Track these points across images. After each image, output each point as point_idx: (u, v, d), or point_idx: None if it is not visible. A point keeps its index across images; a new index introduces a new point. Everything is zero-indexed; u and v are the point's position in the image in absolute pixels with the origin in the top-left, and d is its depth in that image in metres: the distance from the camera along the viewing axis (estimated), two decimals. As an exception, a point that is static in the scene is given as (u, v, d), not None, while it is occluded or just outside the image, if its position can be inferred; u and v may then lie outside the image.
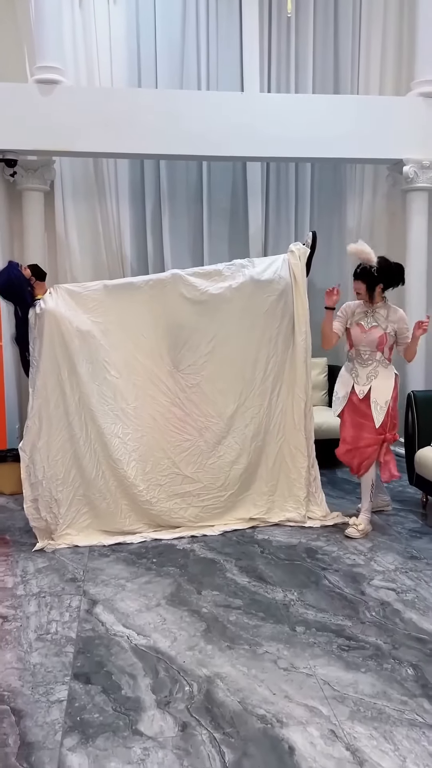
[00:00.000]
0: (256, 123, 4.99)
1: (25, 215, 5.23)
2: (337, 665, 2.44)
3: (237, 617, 2.81)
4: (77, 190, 5.43)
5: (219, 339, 3.86)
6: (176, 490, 3.81)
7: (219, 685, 2.32)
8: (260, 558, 3.44)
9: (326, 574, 3.24)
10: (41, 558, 3.46)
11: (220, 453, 3.87)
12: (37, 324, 3.69)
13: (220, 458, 3.87)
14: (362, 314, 3.74)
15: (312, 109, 5.08)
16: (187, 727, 2.10)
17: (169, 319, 3.84)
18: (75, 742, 2.03)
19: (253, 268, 3.92)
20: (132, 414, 3.78)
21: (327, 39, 5.55)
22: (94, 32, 5.30)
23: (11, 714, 2.17)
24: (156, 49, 5.38)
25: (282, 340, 3.92)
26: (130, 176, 5.52)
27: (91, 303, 3.79)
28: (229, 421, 3.88)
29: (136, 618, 2.81)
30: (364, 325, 3.72)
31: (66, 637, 2.65)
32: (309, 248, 3.92)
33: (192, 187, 5.64)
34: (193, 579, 3.19)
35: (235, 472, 3.88)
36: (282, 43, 5.51)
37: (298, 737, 2.04)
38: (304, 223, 5.73)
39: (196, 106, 4.99)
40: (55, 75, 4.85)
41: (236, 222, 5.73)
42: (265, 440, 3.94)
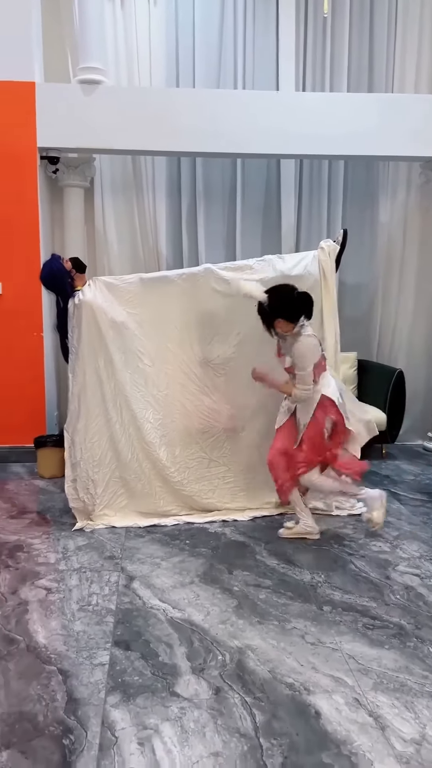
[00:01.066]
0: (290, 121, 5.10)
1: (66, 210, 5.43)
2: (362, 642, 2.57)
3: (266, 596, 2.96)
4: (116, 187, 5.61)
5: (247, 332, 3.99)
6: (203, 473, 4.01)
7: (250, 655, 2.48)
8: (288, 543, 3.58)
9: (352, 559, 3.37)
10: (81, 537, 3.65)
11: (247, 441, 4.05)
12: (75, 314, 3.89)
13: (246, 444, 4.06)
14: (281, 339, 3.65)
15: (346, 108, 5.17)
16: (220, 691, 2.25)
17: (201, 312, 4.01)
18: (117, 699, 2.21)
19: (282, 263, 4.05)
20: (162, 401, 3.97)
21: (362, 38, 5.62)
22: (135, 33, 5.46)
23: (58, 674, 2.35)
24: (194, 50, 5.51)
25: None
26: (167, 173, 5.68)
27: (127, 295, 3.96)
28: (255, 412, 4.04)
29: (171, 593, 2.97)
30: (281, 349, 3.67)
31: (106, 608, 2.83)
32: (339, 245, 4.03)
33: (227, 184, 5.78)
34: (225, 560, 3.35)
35: (261, 456, 4.02)
36: (318, 43, 5.60)
37: (324, 703, 2.19)
38: (337, 220, 5.83)
39: (232, 105, 5.11)
40: (97, 75, 5.02)
41: (269, 219, 5.84)
42: None
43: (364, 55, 5.66)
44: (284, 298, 3.50)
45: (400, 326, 5.89)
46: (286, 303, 3.48)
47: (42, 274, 4.04)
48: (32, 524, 3.86)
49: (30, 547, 3.51)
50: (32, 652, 2.50)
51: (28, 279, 5.01)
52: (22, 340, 5.04)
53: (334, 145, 5.18)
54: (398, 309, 5.88)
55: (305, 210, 5.83)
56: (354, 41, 5.62)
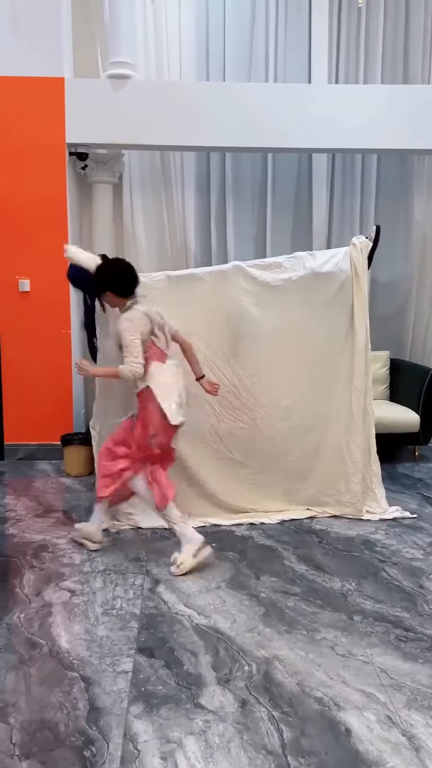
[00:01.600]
0: (323, 114, 4.98)
1: (95, 206, 5.39)
2: (395, 655, 2.47)
3: (295, 603, 2.87)
4: (144, 183, 5.55)
5: (277, 331, 3.90)
6: (227, 472, 3.93)
7: (277, 666, 2.39)
8: (318, 548, 3.49)
9: (384, 566, 3.26)
10: (106, 537, 3.60)
11: (275, 442, 3.94)
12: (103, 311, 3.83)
13: (276, 448, 3.94)
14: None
15: (380, 100, 5.02)
16: (246, 704, 2.18)
17: (229, 310, 3.91)
18: (140, 710, 2.14)
19: (313, 260, 3.94)
20: (190, 400, 3.86)
21: (398, 29, 5.46)
22: (165, 27, 5.38)
23: (81, 681, 2.30)
24: (224, 42, 5.42)
25: (341, 333, 3.93)
26: (196, 169, 5.60)
27: (155, 292, 3.88)
28: (285, 413, 3.93)
29: (197, 599, 2.90)
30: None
31: (130, 612, 2.78)
32: (371, 242, 3.91)
33: (257, 179, 5.68)
34: (252, 564, 3.27)
35: (289, 462, 3.95)
36: (351, 34, 5.46)
37: (354, 720, 2.10)
38: (369, 216, 5.69)
39: (262, 98, 5.00)
40: (126, 70, 4.96)
41: (300, 214, 5.73)
42: (323, 433, 3.97)
43: (399, 45, 5.50)
44: (119, 272, 3.36)
45: (435, 323, 5.73)
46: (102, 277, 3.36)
47: (69, 271, 3.99)
48: (58, 523, 3.83)
49: (55, 547, 3.48)
50: (55, 657, 2.45)
51: (56, 276, 4.95)
52: (50, 338, 5.02)
53: (367, 138, 5.04)
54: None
55: (337, 205, 5.70)
56: (389, 31, 5.47)
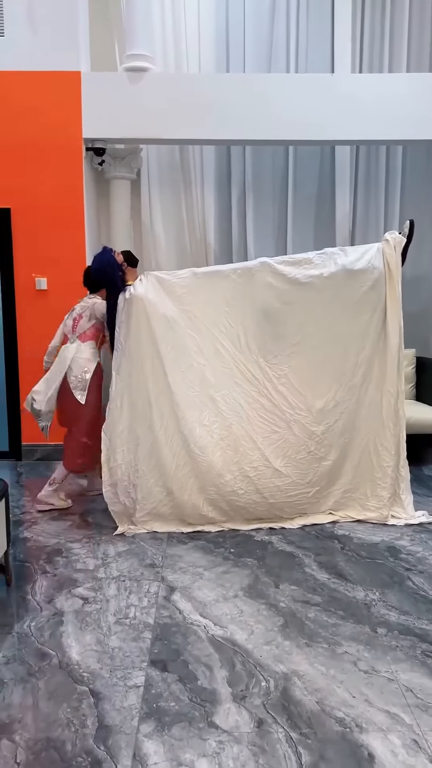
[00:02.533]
0: (346, 105, 4.83)
1: (113, 203, 5.31)
2: (421, 671, 2.33)
3: (316, 614, 2.74)
4: (163, 178, 5.45)
5: (307, 330, 3.75)
6: (265, 483, 3.69)
7: (296, 683, 2.27)
8: (340, 554, 3.35)
9: (410, 575, 3.11)
10: (121, 542, 3.52)
11: (310, 448, 3.74)
12: (125, 308, 3.72)
13: (311, 453, 3.74)
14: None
15: (406, 89, 4.85)
16: (263, 724, 2.06)
17: (257, 308, 3.77)
18: (151, 729, 2.04)
19: (345, 257, 3.77)
20: (220, 401, 3.71)
21: (424, 15, 5.28)
22: (183, 17, 5.28)
23: (90, 695, 2.21)
24: (244, 33, 5.30)
25: (373, 333, 3.76)
26: (215, 163, 5.49)
27: (180, 290, 3.77)
28: (318, 416, 3.75)
29: (213, 608, 2.79)
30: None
31: (144, 622, 2.68)
32: (405, 238, 3.75)
33: (278, 173, 5.54)
34: (271, 572, 3.15)
35: (324, 468, 3.77)
36: (376, 21, 5.29)
37: (378, 744, 1.97)
38: (394, 210, 5.52)
39: (284, 89, 4.87)
40: (144, 63, 4.86)
41: (322, 208, 5.58)
42: (352, 436, 3.81)
43: (425, 32, 5.32)
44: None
45: (462, 321, 5.55)
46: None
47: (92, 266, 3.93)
48: (73, 527, 3.75)
49: (69, 552, 3.39)
50: (64, 669, 2.36)
51: (73, 274, 4.89)
52: (67, 336, 4.94)
53: (392, 129, 4.88)
54: (460, 303, 5.54)
55: (361, 199, 5.54)
56: (414, 18, 5.30)
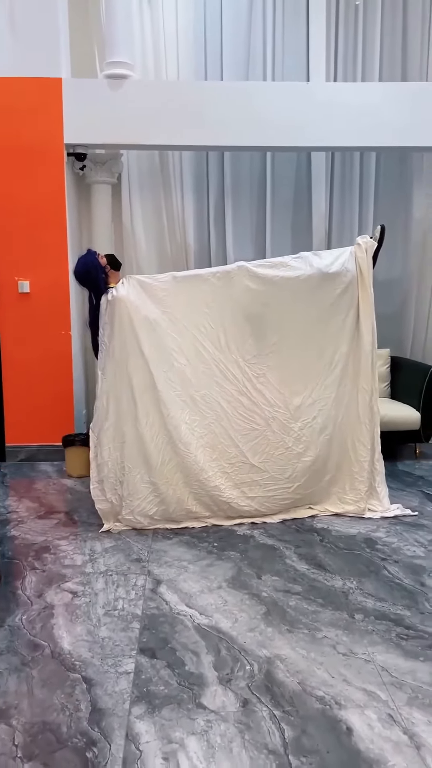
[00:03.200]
0: (321, 113, 4.97)
1: (94, 207, 5.39)
2: (396, 653, 2.48)
3: (296, 602, 2.87)
4: (143, 183, 5.55)
5: (284, 330, 3.89)
6: (243, 478, 3.84)
7: (279, 666, 2.40)
8: (319, 546, 3.49)
9: (386, 564, 3.26)
10: (108, 539, 3.62)
11: (288, 444, 3.88)
12: (108, 310, 3.83)
13: (288, 449, 3.88)
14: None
15: (379, 97, 5.01)
16: (248, 704, 2.18)
17: (236, 310, 3.90)
18: (142, 711, 2.15)
19: (320, 260, 3.93)
20: (200, 401, 3.84)
21: (395, 27, 5.45)
22: (162, 26, 5.38)
23: (83, 682, 2.31)
24: (222, 41, 5.41)
25: (347, 333, 3.92)
26: (194, 169, 5.60)
27: (161, 293, 3.89)
28: (296, 412, 3.90)
29: (199, 599, 2.91)
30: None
31: (132, 613, 2.78)
32: (376, 242, 3.90)
33: (255, 179, 5.67)
34: (253, 564, 3.27)
35: (303, 464, 3.90)
36: (349, 32, 5.45)
37: (356, 719, 2.10)
38: (369, 214, 5.68)
39: (260, 96, 5.00)
40: (124, 70, 4.96)
41: (299, 213, 5.73)
42: (333, 433, 3.95)
43: (397, 43, 5.49)
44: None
45: (435, 322, 5.74)
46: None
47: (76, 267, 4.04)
48: (59, 525, 3.84)
49: (57, 549, 3.48)
50: (56, 658, 2.46)
51: (55, 277, 4.99)
52: (50, 339, 5.03)
53: (366, 136, 5.03)
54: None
55: (336, 204, 5.70)
56: (386, 28, 5.46)
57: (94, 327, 4.02)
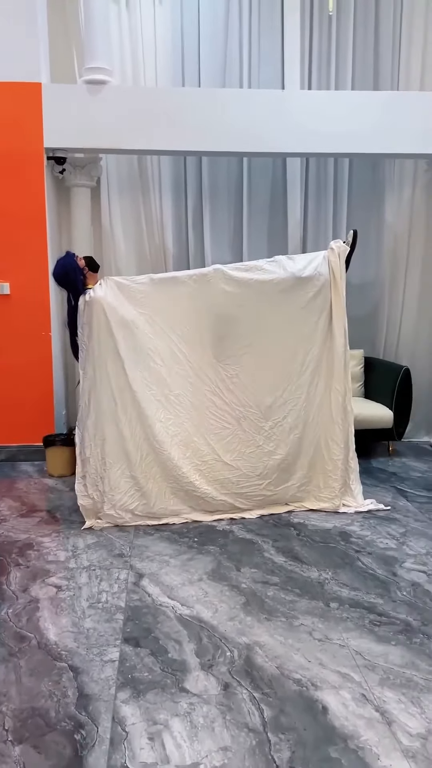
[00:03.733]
0: (296, 119, 5.11)
1: (73, 210, 5.46)
2: (369, 638, 2.60)
3: (274, 593, 2.99)
4: (122, 186, 5.64)
5: (258, 332, 4.01)
6: (216, 475, 3.97)
7: (258, 652, 2.51)
8: (296, 540, 3.61)
9: (359, 556, 3.39)
10: (90, 535, 3.69)
11: (258, 443, 4.01)
12: (86, 311, 3.91)
13: (259, 448, 4.01)
14: None
15: (351, 105, 5.17)
16: (228, 687, 2.29)
17: (211, 312, 4.01)
18: (127, 695, 2.24)
19: (293, 264, 4.05)
20: (174, 401, 3.96)
21: (367, 36, 5.61)
22: (140, 33, 5.47)
23: (69, 670, 2.39)
24: (199, 49, 5.52)
25: (320, 335, 4.05)
26: (172, 173, 5.70)
27: (138, 295, 3.98)
28: (267, 412, 4.03)
29: (180, 591, 3.01)
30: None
31: (116, 605, 2.87)
32: (349, 246, 4.04)
33: (233, 183, 5.79)
34: (233, 557, 3.38)
35: (273, 461, 4.02)
36: (323, 41, 5.60)
37: (331, 699, 2.22)
38: (342, 218, 5.83)
39: (237, 103, 5.12)
40: (103, 75, 5.04)
41: (275, 217, 5.86)
42: (304, 432, 4.07)
43: (369, 52, 5.65)
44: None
45: (406, 324, 5.90)
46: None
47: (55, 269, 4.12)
48: (42, 523, 3.90)
49: (40, 546, 3.55)
50: (43, 648, 2.54)
51: (35, 279, 5.05)
52: (30, 340, 5.08)
53: (339, 143, 5.18)
54: (404, 307, 5.89)
55: (312, 208, 5.83)
56: (359, 39, 5.62)
57: (72, 327, 4.10)
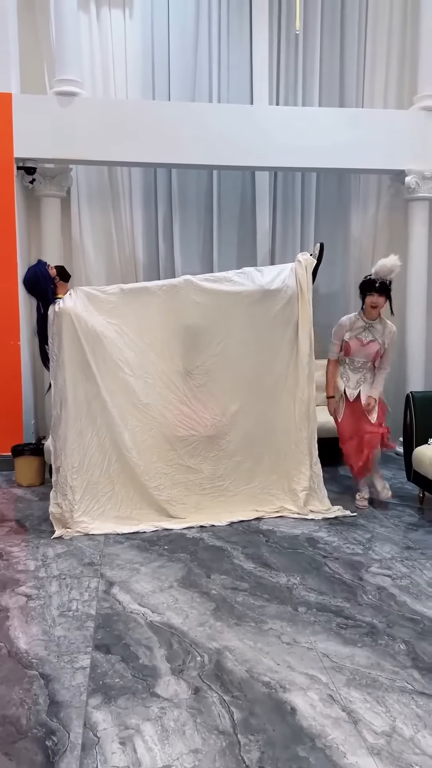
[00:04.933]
0: (264, 134, 5.23)
1: (43, 220, 5.47)
2: (336, 641, 2.66)
3: (243, 598, 3.03)
4: (92, 197, 5.67)
5: (226, 342, 4.09)
6: (180, 478, 4.08)
7: (228, 656, 2.55)
8: (265, 546, 3.67)
9: (327, 561, 3.46)
10: (60, 544, 3.69)
11: (221, 446, 4.14)
12: (55, 322, 3.93)
13: (221, 451, 4.14)
14: (361, 329, 4.13)
15: (318, 122, 5.31)
16: (199, 691, 2.32)
17: (181, 322, 4.08)
18: (99, 701, 2.26)
19: (262, 277, 4.15)
20: (143, 409, 4.03)
21: (333, 55, 5.77)
22: (111, 46, 5.53)
23: (40, 678, 2.40)
24: (169, 63, 5.61)
25: (286, 346, 4.15)
26: (143, 184, 5.76)
27: (108, 305, 4.02)
28: (232, 418, 4.13)
29: (151, 598, 3.03)
30: (363, 339, 4.13)
31: (86, 613, 2.88)
32: (316, 259, 4.14)
33: (202, 194, 5.87)
34: (203, 564, 3.42)
35: (234, 464, 4.14)
36: (290, 58, 5.73)
37: (299, 700, 2.27)
38: (310, 231, 5.96)
39: (207, 118, 5.22)
40: (73, 87, 5.09)
41: (244, 228, 5.95)
42: (268, 439, 4.17)
43: (335, 70, 5.81)
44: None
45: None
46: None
47: (26, 277, 4.14)
48: (11, 532, 3.89)
49: (9, 555, 3.54)
50: (13, 657, 2.54)
51: (4, 288, 5.04)
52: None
53: (306, 157, 5.32)
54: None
55: (279, 221, 5.95)
56: (325, 57, 5.77)
57: (42, 336, 4.12)
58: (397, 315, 5.92)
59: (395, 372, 5.96)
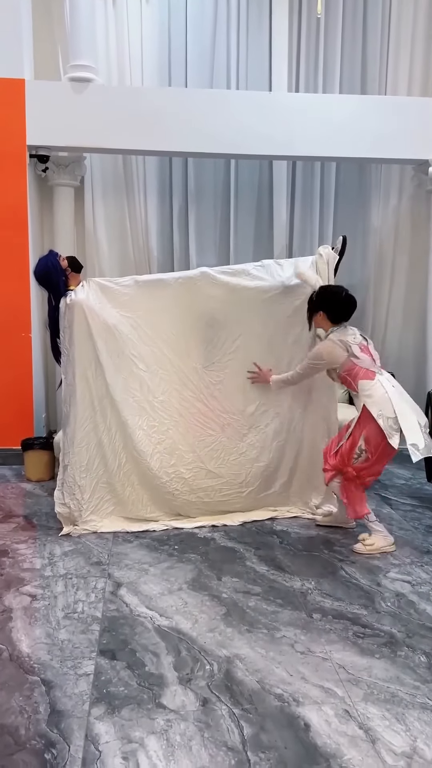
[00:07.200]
0: (283, 122, 5.07)
1: (56, 210, 5.37)
2: (352, 651, 2.53)
3: (256, 603, 2.91)
4: (106, 186, 5.55)
5: (244, 338, 3.93)
6: (199, 484, 3.89)
7: (238, 665, 2.42)
8: (279, 548, 3.54)
9: (343, 565, 3.33)
10: (67, 542, 3.59)
11: (242, 450, 3.95)
12: (67, 314, 3.80)
13: (242, 455, 3.94)
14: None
15: (339, 109, 5.14)
16: (207, 703, 2.20)
17: (197, 317, 3.92)
18: (102, 711, 2.15)
19: (282, 271, 3.96)
20: (159, 407, 3.87)
21: (356, 40, 5.60)
22: (127, 31, 5.40)
23: (41, 684, 2.29)
24: (186, 49, 5.47)
25: (305, 343, 3.98)
26: (158, 173, 5.63)
27: (122, 298, 3.88)
28: (249, 419, 3.96)
29: (159, 600, 2.92)
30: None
31: (92, 616, 2.77)
32: (338, 254, 3.96)
33: (219, 185, 5.73)
34: (214, 566, 3.30)
35: (257, 469, 3.95)
36: (311, 44, 5.57)
37: (313, 715, 2.14)
38: (329, 223, 5.80)
39: (224, 105, 5.07)
40: (87, 73, 4.97)
41: (261, 220, 5.81)
42: (287, 439, 4.01)
43: (357, 56, 5.63)
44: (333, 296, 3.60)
45: (391, 330, 5.88)
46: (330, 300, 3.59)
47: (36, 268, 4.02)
48: (18, 529, 3.79)
49: (15, 553, 3.45)
50: (15, 661, 2.44)
51: (16, 279, 4.95)
52: (10, 341, 4.98)
53: (325, 146, 5.16)
54: (389, 313, 5.86)
55: (297, 212, 5.79)
56: (347, 42, 5.60)
57: (54, 329, 4.00)
58: (417, 310, 5.81)
59: (414, 370, 5.81)
